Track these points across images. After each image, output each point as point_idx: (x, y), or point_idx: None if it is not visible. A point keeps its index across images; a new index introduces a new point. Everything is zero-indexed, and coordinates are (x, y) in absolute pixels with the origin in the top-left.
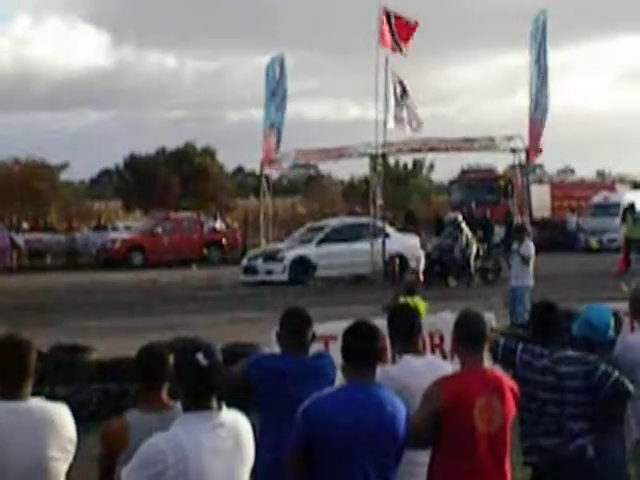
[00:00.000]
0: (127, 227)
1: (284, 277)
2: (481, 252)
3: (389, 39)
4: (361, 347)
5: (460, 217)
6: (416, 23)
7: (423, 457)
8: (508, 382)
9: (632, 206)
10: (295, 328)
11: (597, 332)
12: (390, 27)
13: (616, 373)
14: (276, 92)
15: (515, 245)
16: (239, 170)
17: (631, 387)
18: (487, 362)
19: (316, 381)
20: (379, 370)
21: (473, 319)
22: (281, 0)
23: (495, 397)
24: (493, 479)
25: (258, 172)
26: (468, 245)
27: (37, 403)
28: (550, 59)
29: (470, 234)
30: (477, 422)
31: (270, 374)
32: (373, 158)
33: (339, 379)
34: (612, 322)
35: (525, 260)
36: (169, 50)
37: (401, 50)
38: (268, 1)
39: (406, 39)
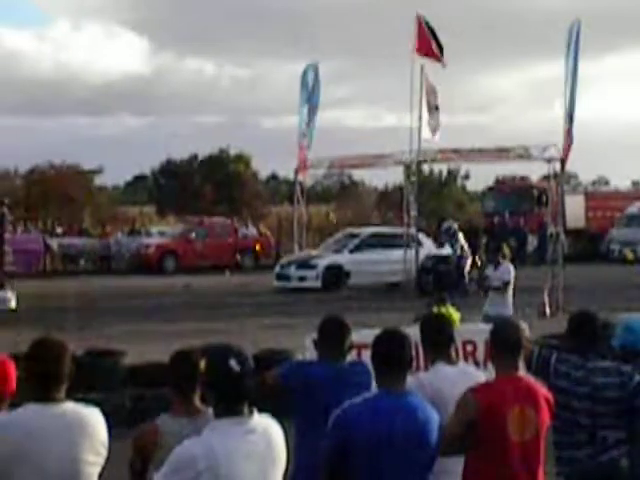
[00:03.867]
0: (161, 232)
1: (317, 284)
2: (478, 262)
3: (428, 46)
4: (391, 355)
5: (456, 226)
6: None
7: (458, 467)
8: (543, 391)
9: None
10: (334, 336)
11: (638, 339)
12: (427, 35)
13: None
14: (310, 99)
15: (490, 268)
16: (273, 177)
17: None
18: (522, 371)
19: (352, 388)
20: (412, 378)
21: (509, 328)
22: (317, 8)
23: (529, 406)
24: None
25: (292, 179)
26: (463, 255)
27: (71, 406)
28: (585, 68)
29: (465, 244)
30: (510, 431)
31: (307, 380)
32: (407, 166)
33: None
34: None
35: (503, 286)
36: (207, 57)
37: (440, 56)
38: (305, 9)
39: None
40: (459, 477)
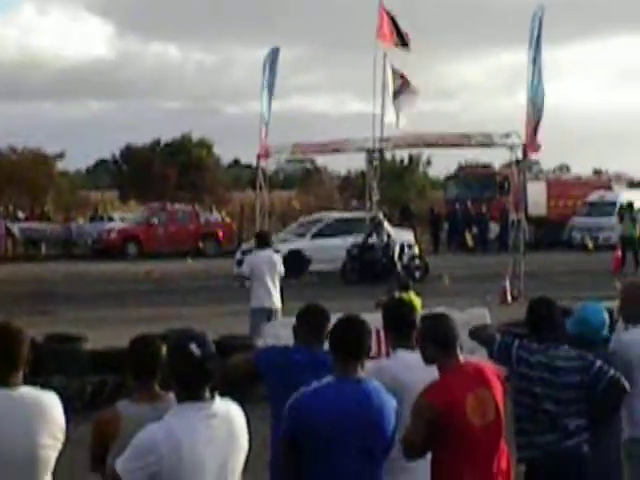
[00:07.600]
0: (123, 218)
1: None
2: (406, 250)
3: (389, 35)
4: (349, 341)
5: (381, 215)
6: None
7: (416, 463)
8: (491, 369)
9: (630, 205)
10: (314, 323)
11: (593, 330)
12: (393, 23)
13: (612, 370)
14: (271, 85)
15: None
16: (235, 163)
17: (627, 384)
18: (461, 356)
19: (326, 374)
20: (372, 363)
21: (440, 321)
22: None
23: (483, 389)
24: (492, 465)
25: (255, 165)
26: (389, 244)
27: (27, 391)
28: (548, 57)
29: (392, 232)
30: (471, 418)
31: (281, 364)
32: (370, 153)
33: None
34: (607, 320)
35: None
36: (172, 42)
37: (406, 45)
38: None
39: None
40: (417, 473)
